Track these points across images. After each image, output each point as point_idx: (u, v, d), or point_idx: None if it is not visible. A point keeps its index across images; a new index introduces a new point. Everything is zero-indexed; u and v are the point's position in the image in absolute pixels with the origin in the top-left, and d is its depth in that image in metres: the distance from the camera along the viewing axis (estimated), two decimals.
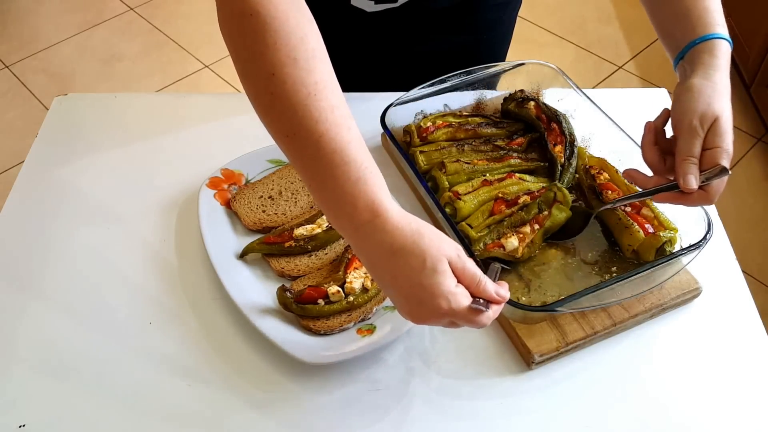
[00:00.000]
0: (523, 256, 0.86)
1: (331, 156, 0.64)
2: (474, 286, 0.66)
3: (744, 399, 0.79)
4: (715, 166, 0.76)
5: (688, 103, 0.79)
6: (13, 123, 2.49)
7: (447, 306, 0.63)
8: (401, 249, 0.64)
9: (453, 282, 0.64)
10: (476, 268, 0.67)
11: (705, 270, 0.87)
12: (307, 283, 0.86)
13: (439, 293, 0.63)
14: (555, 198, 0.90)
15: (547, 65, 1.05)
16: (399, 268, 0.64)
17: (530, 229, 0.87)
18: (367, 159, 0.65)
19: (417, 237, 0.64)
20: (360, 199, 0.64)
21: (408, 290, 0.64)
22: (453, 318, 0.65)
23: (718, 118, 0.77)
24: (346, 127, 0.65)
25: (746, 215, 2.15)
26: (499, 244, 0.86)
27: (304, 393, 0.79)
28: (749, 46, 2.36)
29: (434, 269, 0.63)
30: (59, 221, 0.96)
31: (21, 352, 0.82)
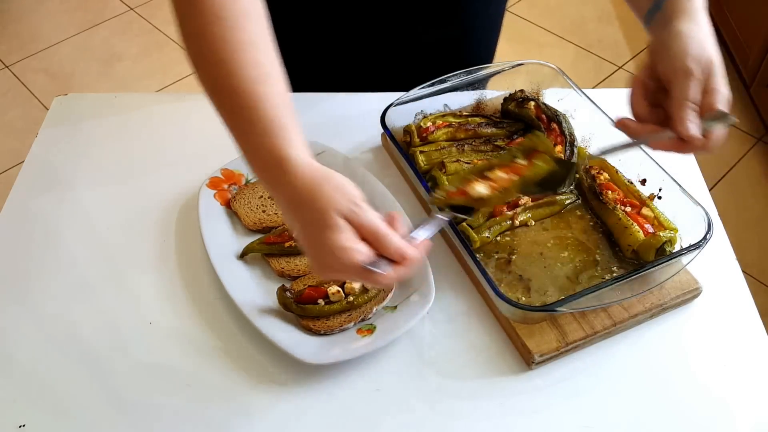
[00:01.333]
0: (491, 203, 0.77)
1: (245, 111, 0.66)
2: (374, 242, 0.65)
3: (744, 399, 0.79)
4: (713, 111, 0.72)
5: (681, 47, 0.74)
6: (13, 123, 2.49)
7: (336, 263, 0.63)
8: (300, 203, 0.65)
9: (347, 237, 0.63)
10: (377, 223, 0.65)
11: (705, 270, 0.87)
12: (307, 283, 0.86)
13: (328, 249, 0.63)
14: (536, 148, 0.80)
15: (547, 65, 1.05)
16: (301, 221, 0.66)
17: (506, 177, 0.78)
18: (281, 113, 0.67)
19: (316, 190, 0.65)
20: (267, 152, 0.66)
21: (309, 243, 0.66)
22: (347, 276, 0.65)
23: (712, 60, 0.73)
24: (265, 82, 0.67)
25: (746, 215, 2.15)
26: (462, 192, 0.77)
27: (304, 393, 0.79)
28: (749, 46, 2.36)
29: (325, 224, 0.63)
30: (59, 221, 0.96)
31: (21, 352, 0.82)
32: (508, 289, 0.85)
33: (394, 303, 0.84)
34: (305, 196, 0.65)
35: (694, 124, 0.72)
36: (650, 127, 0.76)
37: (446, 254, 0.92)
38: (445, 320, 0.85)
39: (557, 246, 0.90)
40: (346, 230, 0.64)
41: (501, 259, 0.88)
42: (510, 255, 0.89)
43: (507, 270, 0.87)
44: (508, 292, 0.82)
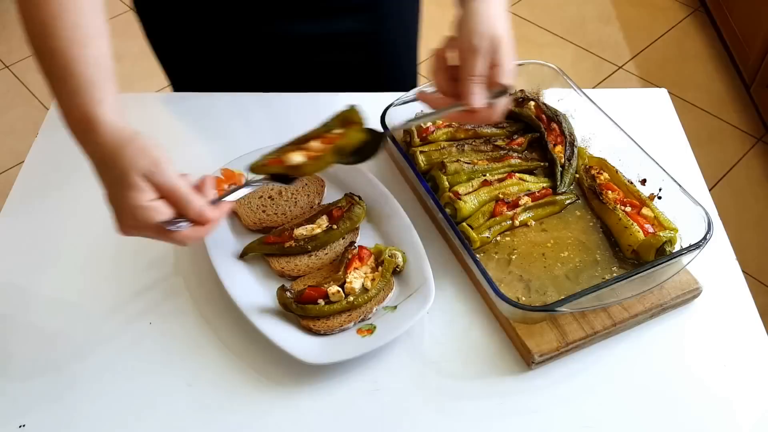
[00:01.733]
0: (307, 170, 0.80)
1: (59, 70, 0.69)
2: (174, 201, 0.68)
3: (744, 399, 0.79)
4: (497, 84, 0.78)
5: (472, 25, 0.78)
6: (13, 123, 2.49)
7: (135, 221, 0.67)
8: (105, 162, 0.69)
9: (145, 196, 0.67)
10: (178, 184, 0.68)
11: (705, 270, 0.87)
12: (307, 283, 0.86)
13: (126, 206, 0.67)
14: (351, 119, 0.84)
15: (547, 65, 1.05)
16: (105, 180, 0.69)
17: (321, 146, 0.82)
18: (94, 73, 0.70)
19: (119, 150, 0.68)
20: (76, 111, 0.69)
21: (112, 201, 0.69)
22: (146, 233, 0.68)
23: (497, 37, 0.78)
24: (81, 44, 0.70)
25: (746, 215, 2.15)
26: (279, 160, 0.80)
27: (304, 393, 0.79)
28: (749, 46, 2.36)
29: (126, 183, 0.67)
30: (59, 221, 0.96)
31: (21, 352, 0.82)
32: (508, 289, 0.85)
33: (394, 303, 0.84)
34: (109, 155, 0.68)
35: (478, 96, 0.77)
36: (448, 99, 0.81)
37: (446, 254, 0.92)
38: (445, 320, 0.85)
39: (557, 246, 0.90)
40: (145, 190, 0.67)
41: (501, 259, 0.88)
42: (510, 255, 0.89)
43: (507, 270, 0.87)
44: (508, 292, 0.82)
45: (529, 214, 0.92)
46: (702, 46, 2.73)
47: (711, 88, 2.56)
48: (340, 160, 0.82)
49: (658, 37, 2.78)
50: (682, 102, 2.49)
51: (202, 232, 0.70)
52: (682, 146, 1.06)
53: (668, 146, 1.05)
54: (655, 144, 0.97)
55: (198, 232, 0.70)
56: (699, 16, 2.86)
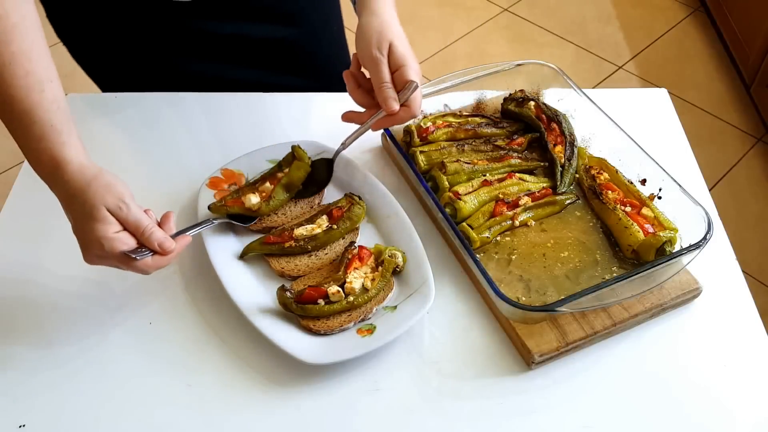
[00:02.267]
0: (262, 211, 0.90)
1: (21, 116, 0.74)
2: (138, 234, 0.76)
3: (744, 399, 0.79)
4: (406, 83, 0.84)
5: (364, 39, 0.86)
6: None
7: (100, 250, 0.74)
8: (72, 197, 0.75)
9: (111, 228, 0.74)
10: (143, 218, 0.76)
11: (705, 270, 0.87)
12: (307, 283, 0.86)
13: (93, 238, 0.73)
14: (295, 157, 0.93)
15: (547, 65, 1.05)
16: (73, 214, 0.76)
17: (270, 185, 0.92)
18: (54, 118, 0.75)
19: (85, 187, 0.74)
20: (44, 154, 0.75)
21: (79, 234, 0.75)
22: (111, 263, 0.75)
23: (392, 42, 0.84)
24: (38, 90, 0.75)
25: (746, 215, 2.15)
26: (238, 202, 0.90)
27: (304, 393, 0.79)
28: (749, 46, 2.36)
29: (91, 216, 0.73)
30: (59, 221, 0.95)
31: (21, 352, 0.82)
32: (508, 289, 0.85)
33: (394, 303, 0.84)
34: (77, 191, 0.74)
35: (392, 99, 0.84)
36: (369, 112, 0.88)
37: (446, 254, 0.92)
38: (445, 320, 0.85)
39: (557, 246, 0.90)
40: (111, 223, 0.74)
41: (501, 259, 0.88)
42: (510, 255, 0.89)
43: (507, 270, 0.87)
44: (508, 292, 0.82)
45: (529, 214, 0.92)
46: (702, 46, 2.73)
47: (711, 88, 2.56)
48: (297, 194, 0.93)
49: (658, 37, 2.78)
50: (682, 102, 2.49)
51: (163, 261, 0.77)
52: (682, 146, 1.06)
53: (668, 146, 1.05)
54: (655, 144, 0.97)
55: (159, 261, 0.77)
56: (699, 16, 2.86)
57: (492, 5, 2.90)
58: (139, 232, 0.76)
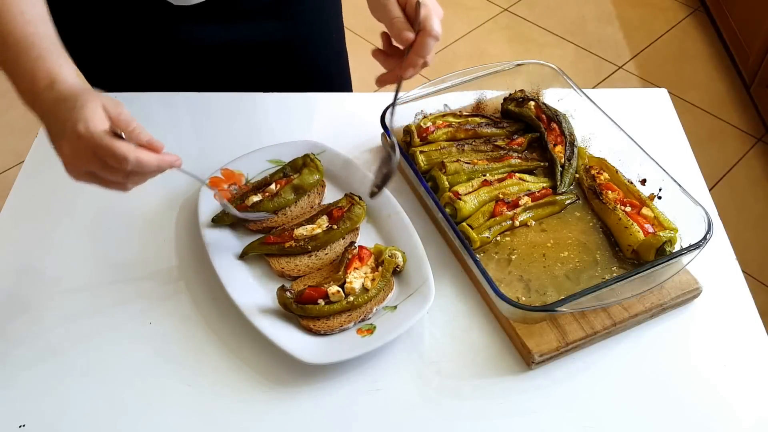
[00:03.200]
0: (264, 207, 0.92)
1: (16, 45, 0.76)
2: (128, 130, 0.73)
3: (744, 399, 0.79)
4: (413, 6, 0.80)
5: None
6: (13, 123, 2.48)
7: (84, 128, 0.70)
8: (66, 98, 0.73)
9: (99, 116, 0.71)
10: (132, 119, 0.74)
11: (705, 270, 0.87)
12: (307, 283, 0.86)
13: (78, 118, 0.70)
14: (305, 164, 0.95)
15: (547, 65, 1.05)
16: (61, 113, 0.73)
17: (275, 188, 0.94)
18: (52, 45, 0.77)
19: (84, 91, 0.74)
20: (40, 70, 0.75)
21: (63, 127, 0.72)
22: (94, 148, 0.70)
23: None
24: (33, 25, 0.77)
25: (746, 215, 2.15)
26: (242, 207, 0.92)
27: (304, 393, 0.79)
28: (749, 46, 2.36)
29: (83, 105, 0.71)
30: (59, 221, 0.96)
31: (21, 352, 0.82)
32: (508, 289, 0.85)
33: (394, 303, 0.84)
34: (74, 92, 0.73)
35: (405, 30, 0.80)
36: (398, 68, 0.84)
37: (446, 254, 0.92)
38: (445, 320, 0.85)
39: (557, 246, 0.90)
40: (101, 115, 0.71)
41: (501, 259, 0.88)
42: (510, 255, 0.89)
43: (507, 270, 0.87)
44: (508, 292, 0.82)
45: (529, 214, 0.92)
46: (702, 46, 2.73)
47: (711, 88, 2.56)
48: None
49: (658, 37, 2.78)
50: (682, 102, 2.49)
51: (147, 158, 0.73)
52: (682, 146, 1.06)
53: (668, 146, 1.05)
54: (655, 144, 0.97)
55: (143, 160, 0.72)
56: (699, 16, 2.86)
57: (492, 5, 2.90)
58: (128, 128, 0.73)
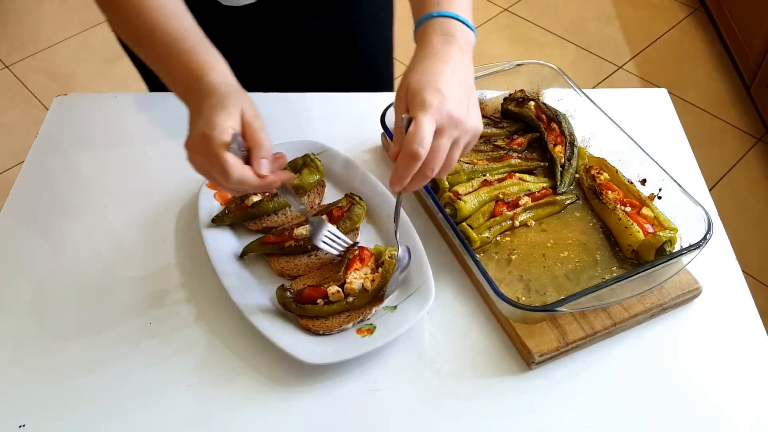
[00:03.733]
0: (264, 207, 0.92)
1: (163, 38, 0.77)
2: (251, 140, 0.73)
3: (744, 399, 0.79)
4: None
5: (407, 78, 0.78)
6: (13, 123, 2.49)
7: (209, 133, 0.70)
8: (212, 93, 0.74)
9: (228, 121, 0.71)
10: (265, 135, 0.73)
11: (705, 270, 0.87)
12: (307, 282, 0.86)
13: (209, 120, 0.71)
14: (305, 164, 0.96)
15: (547, 65, 1.05)
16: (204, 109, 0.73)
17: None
18: (198, 36, 0.78)
19: (230, 89, 0.74)
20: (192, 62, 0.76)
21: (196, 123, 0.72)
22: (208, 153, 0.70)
23: (409, 84, 0.75)
24: (176, 18, 0.78)
25: (746, 215, 2.15)
26: (242, 207, 0.91)
27: (304, 393, 0.79)
28: (749, 46, 2.36)
29: (221, 109, 0.72)
30: (59, 221, 0.96)
31: (21, 352, 0.82)
32: (508, 289, 0.85)
33: (394, 303, 0.84)
34: (218, 88, 0.74)
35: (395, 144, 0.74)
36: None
37: (446, 254, 0.92)
38: (445, 320, 0.85)
39: (557, 246, 0.90)
40: (232, 117, 0.72)
41: (501, 259, 0.88)
42: (510, 255, 0.89)
43: (507, 270, 0.87)
44: (508, 292, 0.82)
45: (529, 214, 0.92)
46: (702, 46, 2.73)
47: (711, 88, 2.56)
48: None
49: (658, 37, 2.78)
50: (682, 102, 2.49)
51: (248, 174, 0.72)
52: (682, 146, 1.06)
53: (668, 146, 1.05)
54: (655, 144, 0.97)
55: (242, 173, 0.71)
56: (699, 16, 2.86)
57: (492, 5, 2.90)
58: (253, 139, 0.72)
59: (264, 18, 1.06)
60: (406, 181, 0.74)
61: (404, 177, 0.74)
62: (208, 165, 0.72)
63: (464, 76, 0.78)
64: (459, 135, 0.75)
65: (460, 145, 0.76)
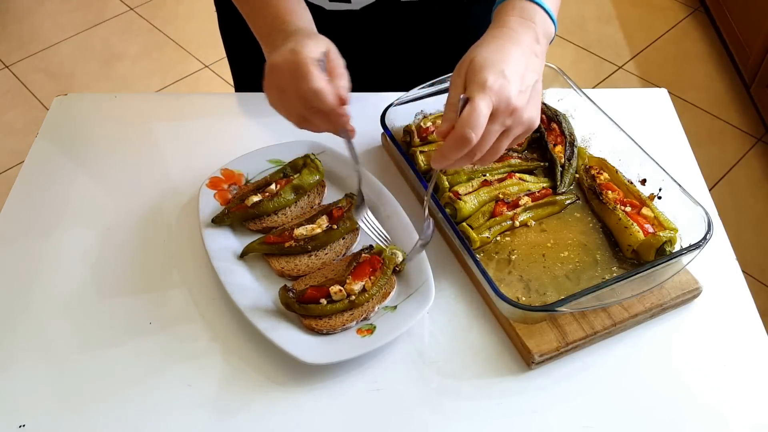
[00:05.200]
0: (264, 208, 0.91)
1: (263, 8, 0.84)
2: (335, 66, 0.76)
3: (744, 399, 0.79)
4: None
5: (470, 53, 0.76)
6: (13, 123, 2.49)
7: (299, 48, 0.73)
8: (299, 31, 0.79)
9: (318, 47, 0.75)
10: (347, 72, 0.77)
11: (705, 270, 0.87)
12: (309, 283, 0.86)
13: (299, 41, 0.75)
14: (305, 164, 0.95)
15: (547, 65, 1.04)
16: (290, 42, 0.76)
17: (275, 188, 0.93)
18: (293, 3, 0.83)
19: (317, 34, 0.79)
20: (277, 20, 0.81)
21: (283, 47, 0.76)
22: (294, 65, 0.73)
23: (473, 60, 0.72)
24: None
25: (746, 215, 2.15)
26: (242, 207, 0.92)
27: (304, 393, 0.79)
28: (749, 46, 2.36)
29: (311, 38, 0.76)
30: (59, 221, 0.96)
31: (21, 352, 0.82)
32: (508, 289, 0.85)
33: (394, 303, 0.84)
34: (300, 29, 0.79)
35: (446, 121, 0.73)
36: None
37: (446, 254, 0.92)
38: (445, 320, 0.85)
39: (557, 246, 0.90)
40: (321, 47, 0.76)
41: (501, 259, 0.88)
42: (510, 255, 0.89)
43: (507, 270, 0.87)
44: (508, 292, 0.82)
45: (529, 215, 0.92)
46: (702, 46, 2.73)
47: (711, 88, 2.56)
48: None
49: (658, 37, 2.78)
50: (682, 102, 2.49)
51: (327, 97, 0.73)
52: (682, 146, 1.06)
53: (668, 146, 1.05)
54: (655, 144, 0.98)
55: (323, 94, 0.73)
56: (699, 16, 2.86)
57: None
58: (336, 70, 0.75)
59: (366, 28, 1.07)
60: (449, 162, 0.72)
61: (449, 158, 0.71)
62: (289, 76, 0.73)
63: (534, 63, 0.75)
64: (512, 125, 0.72)
65: (511, 135, 0.73)
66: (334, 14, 1.04)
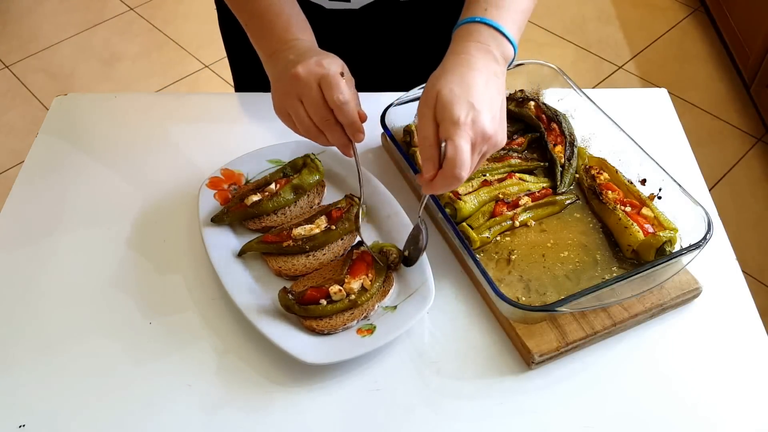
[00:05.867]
0: (264, 207, 0.91)
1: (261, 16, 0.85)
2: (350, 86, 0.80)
3: (744, 399, 0.79)
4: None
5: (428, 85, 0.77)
6: (13, 123, 2.49)
7: (326, 63, 0.78)
8: (308, 50, 0.82)
9: (339, 62, 0.80)
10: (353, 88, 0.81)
11: (705, 270, 0.87)
12: (308, 284, 0.86)
13: (322, 55, 0.79)
14: (305, 164, 0.96)
15: (547, 65, 1.05)
16: (301, 57, 0.80)
17: (275, 188, 0.94)
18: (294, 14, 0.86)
19: (320, 50, 0.82)
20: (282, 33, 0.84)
21: (297, 61, 0.80)
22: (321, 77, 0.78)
23: (439, 93, 0.74)
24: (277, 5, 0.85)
25: (746, 215, 2.15)
26: (242, 206, 0.92)
27: (304, 393, 0.79)
28: (749, 46, 2.36)
29: (325, 53, 0.80)
30: (59, 221, 0.96)
31: (21, 352, 0.82)
32: (508, 289, 0.85)
33: (394, 303, 0.84)
34: (312, 48, 0.83)
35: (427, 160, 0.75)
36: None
37: (446, 254, 0.92)
38: (445, 320, 0.85)
39: (557, 246, 0.90)
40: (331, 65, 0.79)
41: (501, 259, 0.88)
42: (510, 255, 0.89)
43: (507, 270, 0.87)
44: (508, 292, 0.82)
45: (529, 215, 0.92)
46: (702, 46, 2.73)
47: (711, 88, 2.56)
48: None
49: (658, 37, 2.78)
50: (682, 102, 2.49)
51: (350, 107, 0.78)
52: (682, 146, 1.06)
53: (668, 146, 1.05)
54: (655, 144, 0.98)
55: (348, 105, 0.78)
56: (699, 16, 2.86)
57: None
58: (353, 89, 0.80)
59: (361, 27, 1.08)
60: (437, 193, 0.78)
61: (439, 191, 0.76)
62: (316, 87, 0.77)
63: (496, 85, 0.77)
64: (487, 149, 0.76)
65: (484, 157, 0.77)
66: (333, 13, 1.04)
